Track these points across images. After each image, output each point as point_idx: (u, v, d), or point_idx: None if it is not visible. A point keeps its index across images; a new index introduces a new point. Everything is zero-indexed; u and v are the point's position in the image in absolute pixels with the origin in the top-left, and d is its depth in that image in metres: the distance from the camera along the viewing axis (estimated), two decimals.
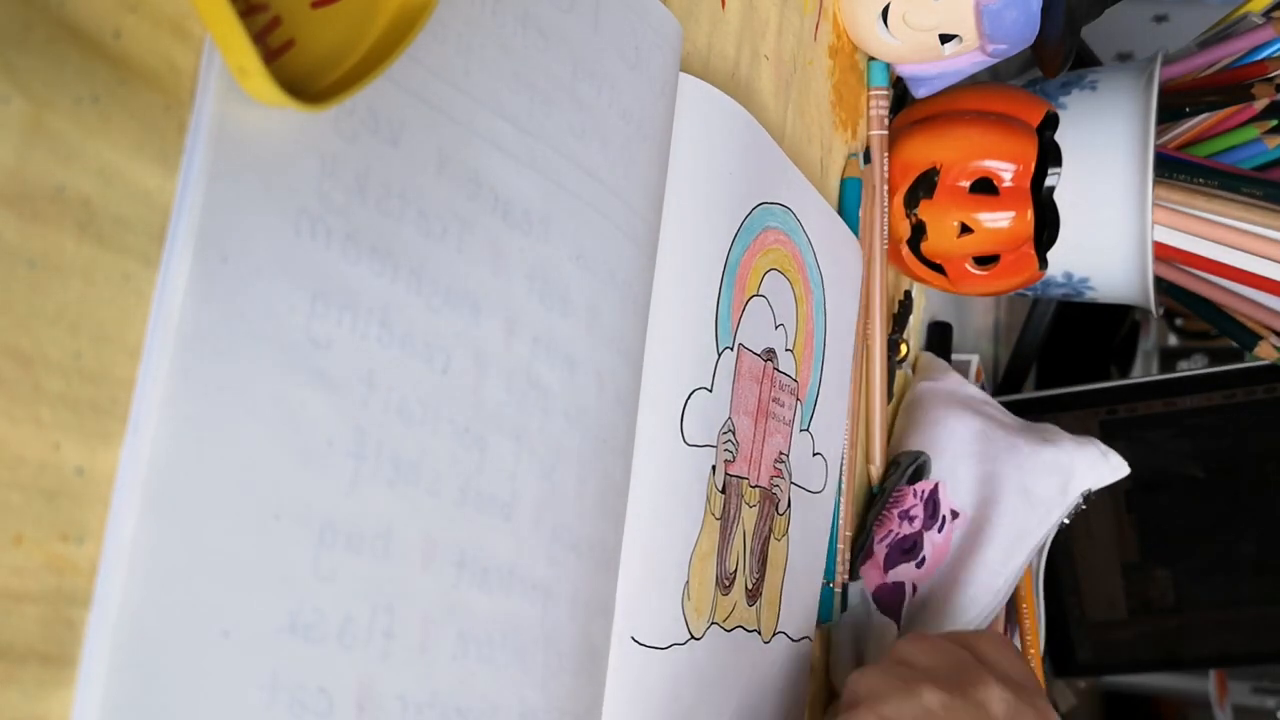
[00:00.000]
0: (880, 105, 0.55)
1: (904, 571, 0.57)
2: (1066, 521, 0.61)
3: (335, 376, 0.24)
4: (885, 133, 0.55)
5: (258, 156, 0.23)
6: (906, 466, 0.57)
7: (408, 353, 0.26)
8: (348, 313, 0.25)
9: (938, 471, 0.58)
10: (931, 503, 0.57)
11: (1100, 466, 0.60)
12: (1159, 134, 0.67)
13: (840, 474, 0.51)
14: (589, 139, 0.32)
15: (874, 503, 0.57)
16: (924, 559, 0.57)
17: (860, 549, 0.55)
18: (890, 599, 0.56)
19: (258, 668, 0.23)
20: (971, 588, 0.56)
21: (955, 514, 0.58)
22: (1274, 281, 0.62)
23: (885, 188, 0.54)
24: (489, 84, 0.29)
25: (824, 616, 0.50)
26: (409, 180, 0.26)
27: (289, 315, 0.23)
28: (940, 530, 0.57)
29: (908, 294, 0.62)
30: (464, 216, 0.28)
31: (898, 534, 0.56)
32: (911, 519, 0.56)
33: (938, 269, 0.56)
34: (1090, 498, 0.60)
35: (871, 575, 0.56)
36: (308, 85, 0.23)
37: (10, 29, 0.19)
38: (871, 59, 0.55)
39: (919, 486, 0.57)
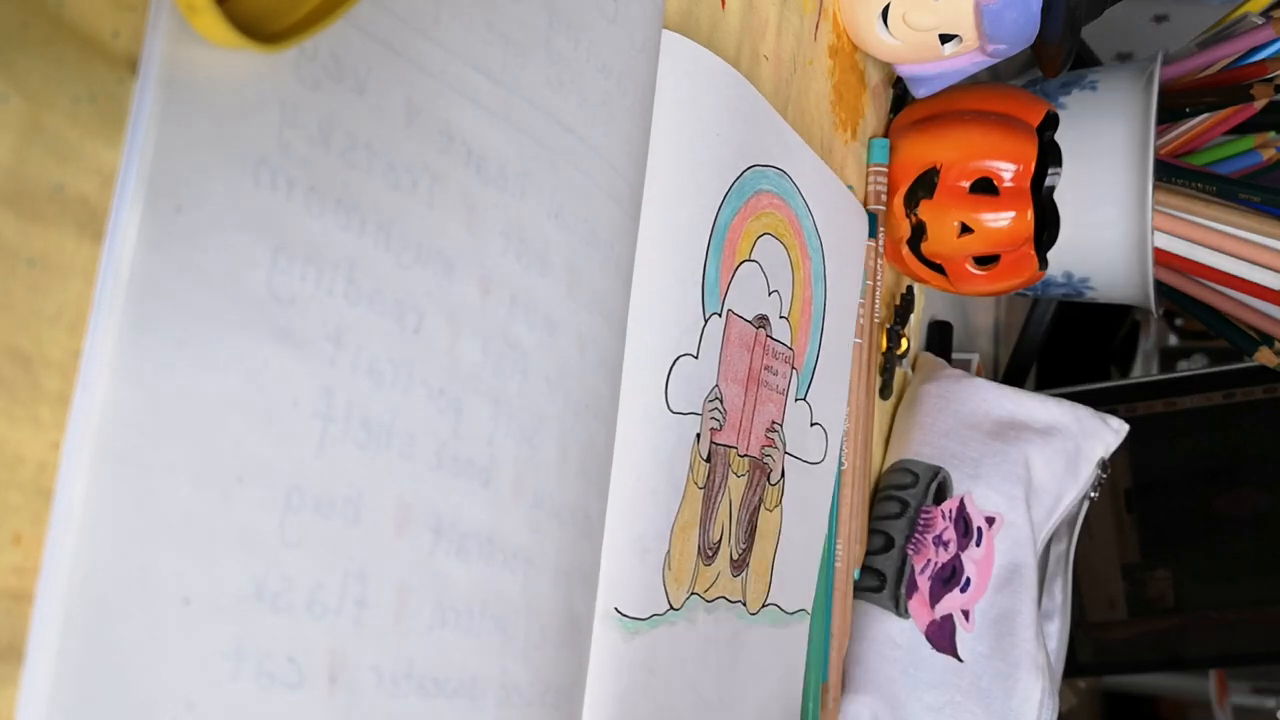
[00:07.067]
0: (879, 181, 0.55)
1: (950, 602, 0.56)
2: (1094, 495, 0.60)
3: (300, 334, 0.23)
4: (884, 208, 0.55)
5: (212, 101, 0.22)
6: (928, 483, 0.56)
7: (377, 311, 0.25)
8: (312, 268, 0.24)
9: (959, 483, 0.57)
10: (962, 520, 0.57)
11: (1103, 434, 0.60)
12: (1159, 134, 0.66)
13: (840, 451, 0.50)
14: (566, 93, 0.31)
15: (882, 504, 0.56)
16: (968, 580, 0.56)
17: (901, 576, 0.54)
18: (941, 635, 0.55)
19: (221, 636, 0.22)
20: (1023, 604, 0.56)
21: (991, 520, 0.57)
22: (1272, 290, 0.61)
23: (882, 262, 0.55)
24: (460, 33, 0.28)
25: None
26: (376, 131, 0.25)
27: (249, 269, 0.22)
28: (979, 544, 0.57)
29: (910, 288, 0.61)
30: (435, 170, 0.27)
31: (936, 563, 0.55)
32: (946, 544, 0.56)
33: (938, 269, 0.56)
34: (1107, 465, 0.60)
35: (920, 613, 0.55)
36: (264, 25, 0.22)
37: (8, 28, 0.19)
38: (873, 138, 0.56)
39: (945, 506, 0.56)
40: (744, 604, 0.42)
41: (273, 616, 0.23)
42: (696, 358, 0.37)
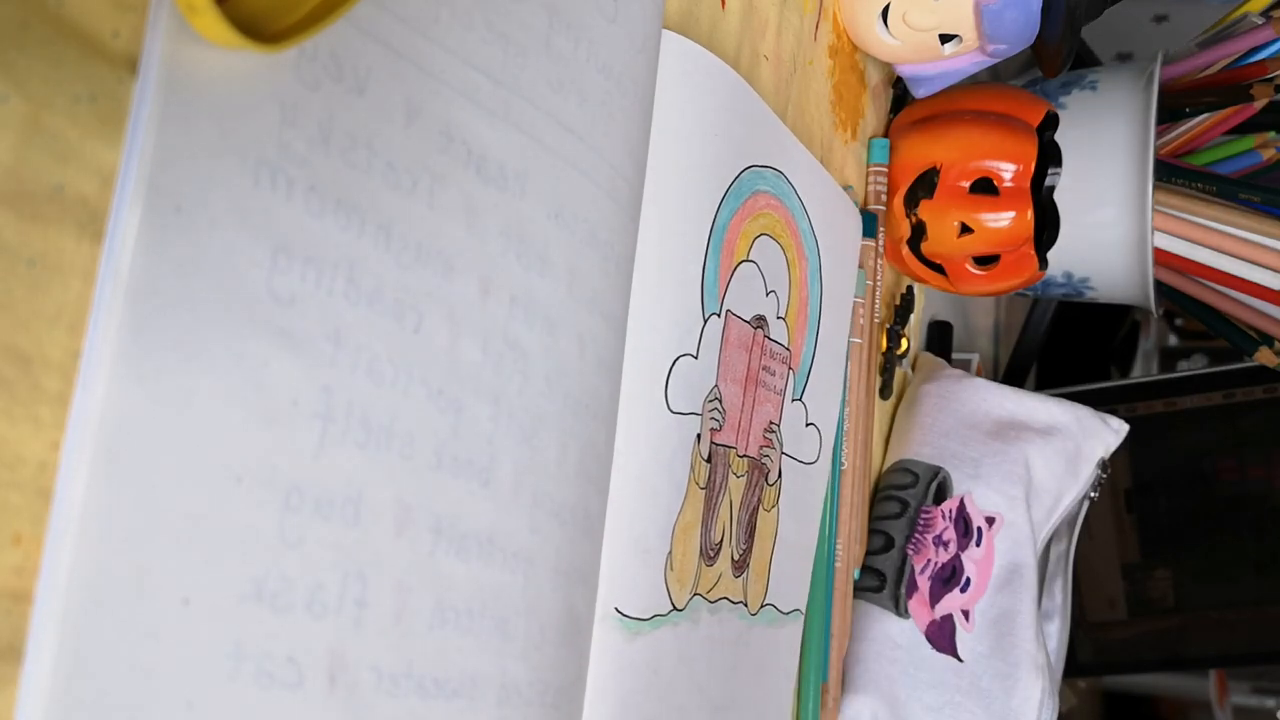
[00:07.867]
0: (879, 181, 0.55)
1: (950, 602, 0.56)
2: (1094, 496, 0.60)
3: (299, 334, 0.23)
4: (884, 208, 0.55)
5: (212, 101, 0.22)
6: (928, 483, 0.56)
7: (377, 311, 0.25)
8: (312, 268, 0.24)
9: (959, 483, 0.57)
10: (962, 520, 0.57)
11: (1103, 434, 0.60)
12: (1159, 134, 0.66)
13: (838, 452, 0.50)
14: (566, 93, 0.31)
15: (882, 504, 0.56)
16: (968, 580, 0.56)
17: (901, 576, 0.54)
18: (941, 635, 0.55)
19: (221, 637, 0.22)
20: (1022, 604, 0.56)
21: (991, 520, 0.57)
22: (1272, 290, 0.62)
23: (882, 262, 0.55)
24: (460, 33, 0.28)
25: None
26: (376, 131, 0.25)
27: (249, 269, 0.22)
28: (979, 544, 0.57)
29: (910, 288, 0.61)
30: (435, 170, 0.27)
31: (936, 563, 0.56)
32: (946, 544, 0.56)
33: (938, 269, 0.56)
34: (1107, 465, 0.60)
35: (920, 613, 0.55)
36: (264, 26, 0.22)
37: (8, 28, 0.19)
38: (873, 138, 0.56)
39: (946, 506, 0.56)
40: (745, 604, 0.42)
41: (272, 616, 0.23)
42: (696, 358, 0.37)
